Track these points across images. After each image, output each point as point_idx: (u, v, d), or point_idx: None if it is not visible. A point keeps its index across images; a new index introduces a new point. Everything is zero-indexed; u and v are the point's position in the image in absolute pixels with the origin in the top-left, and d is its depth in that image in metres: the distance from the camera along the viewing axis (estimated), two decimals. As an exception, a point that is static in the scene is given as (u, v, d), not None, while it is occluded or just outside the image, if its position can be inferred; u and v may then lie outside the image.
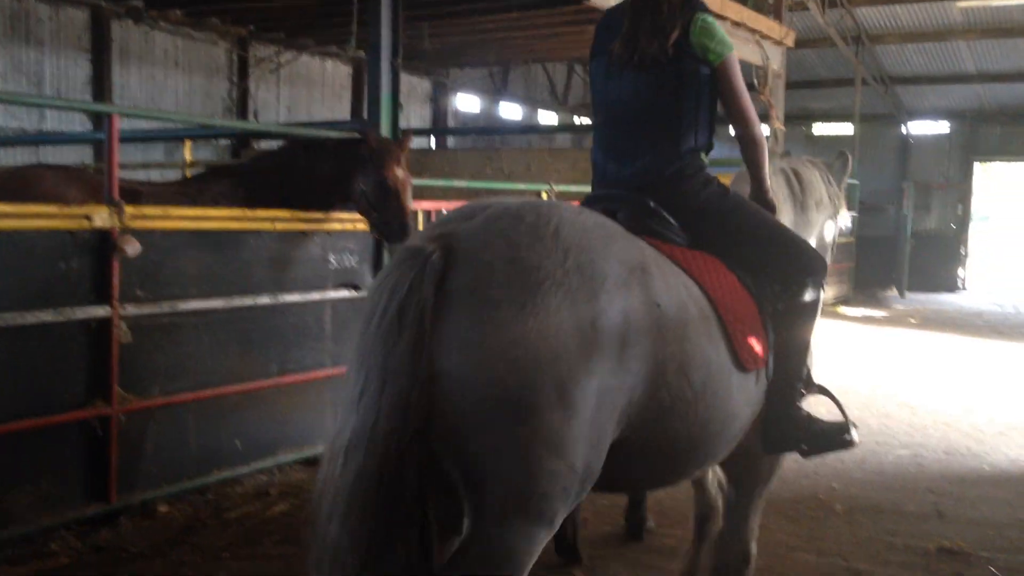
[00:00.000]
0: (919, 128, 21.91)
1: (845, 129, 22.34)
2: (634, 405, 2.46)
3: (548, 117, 20.04)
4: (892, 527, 4.98)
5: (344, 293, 6.08)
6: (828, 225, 4.14)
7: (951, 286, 19.62)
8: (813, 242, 3.86)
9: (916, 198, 19.14)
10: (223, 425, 5.21)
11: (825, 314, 14.61)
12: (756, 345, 2.89)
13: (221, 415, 5.20)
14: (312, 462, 5.50)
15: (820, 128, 23.18)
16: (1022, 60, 17.79)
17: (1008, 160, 24.42)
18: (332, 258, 5.87)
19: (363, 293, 6.24)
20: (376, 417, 2.15)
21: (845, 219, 4.28)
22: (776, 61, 12.94)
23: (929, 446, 6.71)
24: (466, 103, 17.96)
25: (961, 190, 20.85)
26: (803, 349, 3.15)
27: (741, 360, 2.82)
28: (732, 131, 3.29)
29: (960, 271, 20.43)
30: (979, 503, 5.40)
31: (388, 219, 5.39)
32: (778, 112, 12.99)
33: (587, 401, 2.27)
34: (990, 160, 23.61)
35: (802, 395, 3.19)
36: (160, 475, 4.88)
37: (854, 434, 3.30)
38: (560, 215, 2.43)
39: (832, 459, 5.76)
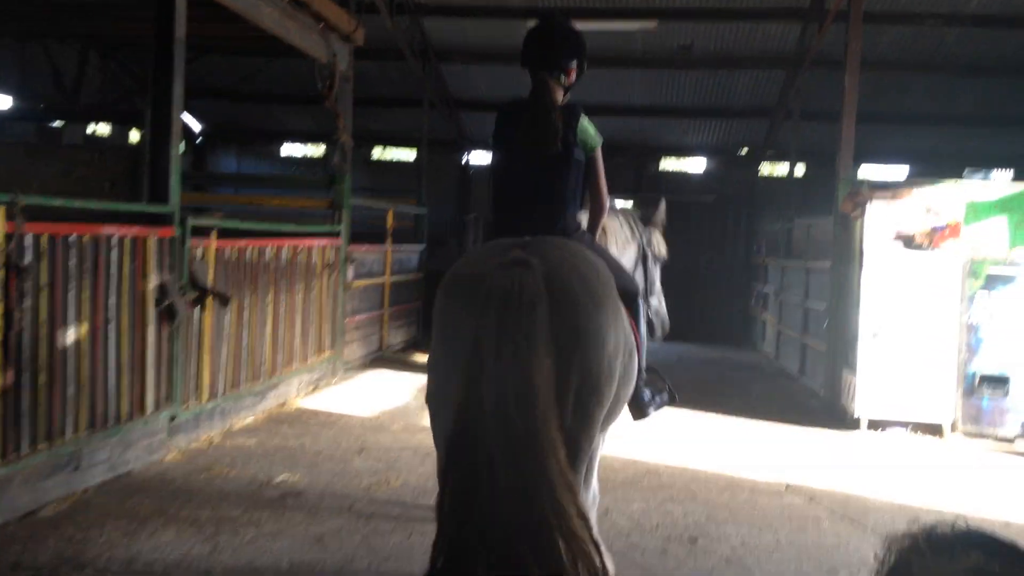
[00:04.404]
0: (478, 159, 20.81)
1: (408, 155, 20.84)
2: None
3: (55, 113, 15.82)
4: None
5: None
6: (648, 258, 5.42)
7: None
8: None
9: (479, 232, 17.90)
10: None
11: (396, 363, 12.66)
12: (636, 333, 3.94)
13: None
14: None
15: (381, 152, 21.24)
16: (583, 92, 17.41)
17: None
18: None
19: None
20: (531, 371, 2.95)
21: (659, 248, 5.54)
22: (344, 61, 10.61)
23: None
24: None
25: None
26: (643, 339, 4.26)
27: (637, 343, 3.89)
28: (589, 200, 4.46)
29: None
30: None
31: None
32: (346, 122, 10.67)
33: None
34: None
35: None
36: None
37: (673, 393, 4.58)
38: (594, 259, 3.70)
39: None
